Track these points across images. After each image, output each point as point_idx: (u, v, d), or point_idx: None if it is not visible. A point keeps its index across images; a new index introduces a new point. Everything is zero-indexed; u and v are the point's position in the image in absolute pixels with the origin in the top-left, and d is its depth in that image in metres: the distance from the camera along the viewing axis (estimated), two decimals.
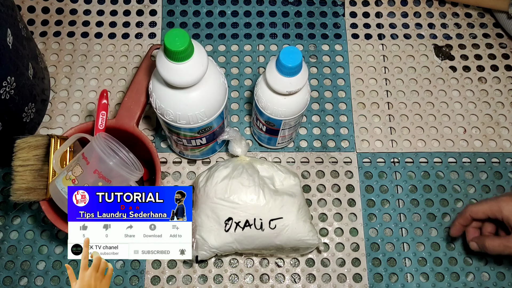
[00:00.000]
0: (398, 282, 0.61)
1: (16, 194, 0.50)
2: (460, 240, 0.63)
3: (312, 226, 0.57)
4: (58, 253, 0.61)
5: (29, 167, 0.51)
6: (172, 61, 0.44)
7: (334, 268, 0.61)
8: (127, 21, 0.74)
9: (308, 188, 0.65)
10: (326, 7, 0.76)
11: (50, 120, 0.68)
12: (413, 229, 0.63)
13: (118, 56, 0.72)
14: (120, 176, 0.49)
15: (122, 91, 0.69)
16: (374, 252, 0.62)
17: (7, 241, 0.61)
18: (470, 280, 0.61)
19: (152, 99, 0.52)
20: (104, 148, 0.49)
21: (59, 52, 0.71)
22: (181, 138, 0.56)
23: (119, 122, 0.56)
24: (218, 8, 0.76)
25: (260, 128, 0.61)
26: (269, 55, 0.73)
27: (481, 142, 0.68)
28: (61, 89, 0.69)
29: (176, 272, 0.61)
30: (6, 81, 0.53)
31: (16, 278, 0.60)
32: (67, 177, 0.48)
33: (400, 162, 0.66)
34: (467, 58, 0.73)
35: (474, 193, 0.65)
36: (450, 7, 0.76)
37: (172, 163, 0.66)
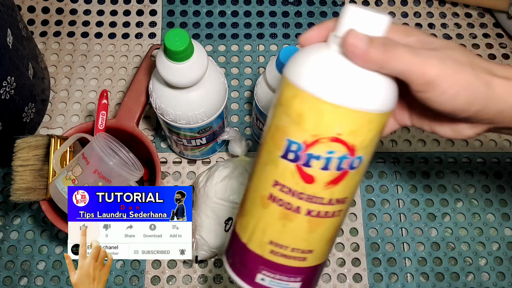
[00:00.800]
0: (398, 282, 0.61)
1: (16, 194, 0.50)
2: (461, 240, 0.63)
3: None
4: (58, 253, 0.61)
5: (29, 167, 0.51)
6: (172, 61, 0.44)
7: (334, 268, 0.61)
8: (127, 21, 0.74)
9: None
10: (326, 7, 0.76)
11: (50, 120, 0.68)
12: (413, 229, 0.63)
13: (118, 56, 0.72)
14: (120, 176, 0.49)
15: (122, 91, 0.69)
16: (374, 252, 0.62)
17: (7, 241, 0.61)
18: (470, 280, 0.61)
19: (152, 99, 0.52)
20: (104, 148, 0.49)
21: (59, 52, 0.71)
22: (181, 138, 0.56)
23: (119, 122, 0.56)
24: (218, 8, 0.76)
25: (260, 128, 0.61)
26: (269, 55, 0.73)
27: (480, 142, 0.68)
28: (61, 89, 0.69)
29: (176, 272, 0.61)
30: (6, 81, 0.53)
31: (16, 278, 0.60)
32: (67, 177, 0.48)
33: (400, 162, 0.66)
34: None
35: (474, 193, 0.65)
36: (450, 7, 0.76)
37: (172, 163, 0.66)
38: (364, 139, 0.31)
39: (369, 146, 0.32)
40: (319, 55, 0.31)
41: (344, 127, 0.30)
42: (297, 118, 0.31)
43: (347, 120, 0.30)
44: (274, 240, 0.34)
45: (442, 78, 0.30)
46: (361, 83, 0.30)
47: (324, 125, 0.30)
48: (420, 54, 0.31)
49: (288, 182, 0.32)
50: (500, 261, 0.62)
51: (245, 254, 0.35)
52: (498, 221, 0.64)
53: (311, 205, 0.32)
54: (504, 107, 0.32)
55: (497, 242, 0.63)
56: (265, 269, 0.34)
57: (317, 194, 0.32)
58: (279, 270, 0.34)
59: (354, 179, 0.33)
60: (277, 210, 0.33)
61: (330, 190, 0.32)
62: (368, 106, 0.30)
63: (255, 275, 0.34)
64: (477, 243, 0.63)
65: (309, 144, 0.31)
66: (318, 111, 0.30)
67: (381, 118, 0.31)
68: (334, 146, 0.30)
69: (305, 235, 0.33)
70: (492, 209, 0.64)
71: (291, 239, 0.33)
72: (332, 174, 0.31)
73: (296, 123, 0.31)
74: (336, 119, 0.30)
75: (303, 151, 0.31)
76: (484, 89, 0.31)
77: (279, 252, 0.34)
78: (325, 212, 0.33)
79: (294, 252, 0.34)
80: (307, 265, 0.34)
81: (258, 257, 0.34)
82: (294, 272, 0.34)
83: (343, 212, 0.34)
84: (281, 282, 0.34)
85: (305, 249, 0.34)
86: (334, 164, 0.31)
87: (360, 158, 0.32)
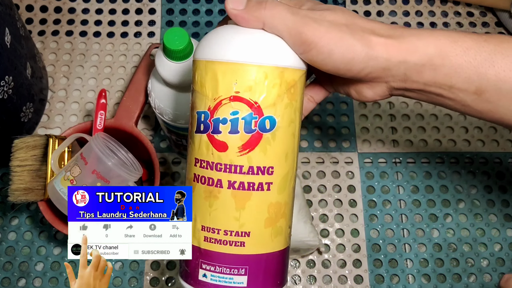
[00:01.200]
0: (400, 283, 0.60)
1: (14, 194, 0.50)
2: (463, 241, 0.62)
3: (312, 227, 0.56)
4: (56, 254, 0.61)
5: (27, 167, 0.51)
6: (171, 60, 0.44)
7: (335, 269, 0.61)
8: (126, 20, 0.74)
9: (309, 189, 0.65)
10: None
11: (48, 120, 0.67)
12: (415, 230, 0.63)
13: (117, 55, 0.71)
14: (119, 176, 0.49)
15: (121, 91, 0.69)
16: (375, 253, 0.62)
17: (5, 242, 0.61)
18: (472, 281, 0.61)
19: (151, 99, 0.51)
20: (102, 148, 0.48)
21: (58, 51, 0.71)
22: (180, 138, 0.56)
23: (117, 122, 0.56)
24: (218, 7, 0.75)
25: None
26: None
27: (483, 142, 0.68)
28: (60, 89, 0.69)
29: (176, 273, 0.60)
30: (4, 81, 0.52)
31: (14, 279, 0.59)
32: (65, 178, 0.48)
33: (401, 163, 0.66)
34: None
35: (476, 194, 0.65)
36: (452, 5, 0.76)
37: (171, 163, 0.66)
38: (266, 96, 0.31)
39: (278, 105, 0.32)
40: (214, 30, 0.33)
41: (239, 83, 0.31)
42: (200, 88, 0.32)
43: (241, 76, 0.31)
44: (204, 224, 0.34)
45: (315, 38, 0.32)
46: (248, 39, 0.32)
47: (222, 85, 0.31)
48: (298, 13, 0.32)
49: (204, 155, 0.33)
50: (502, 262, 0.61)
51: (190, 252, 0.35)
52: (501, 222, 0.63)
53: (231, 175, 0.32)
54: (389, 65, 0.34)
55: (499, 243, 0.62)
56: (204, 262, 0.33)
57: (234, 162, 0.32)
58: (217, 260, 0.33)
59: (274, 145, 0.32)
60: (201, 189, 0.33)
61: (247, 156, 0.32)
62: (258, 60, 0.31)
63: (197, 272, 0.34)
64: (479, 244, 0.62)
65: (212, 109, 0.32)
66: (214, 73, 0.31)
67: (279, 74, 0.32)
68: (236, 105, 0.31)
69: (234, 213, 0.32)
70: (495, 209, 0.64)
71: (221, 220, 0.33)
72: (243, 136, 0.32)
73: (200, 93, 0.32)
74: (231, 77, 0.31)
75: (210, 118, 0.32)
76: (361, 47, 0.33)
77: (212, 237, 0.33)
78: (249, 184, 0.32)
79: (228, 236, 0.33)
80: (248, 252, 0.33)
81: (195, 249, 0.34)
82: (234, 262, 0.33)
83: (277, 188, 0.33)
84: (224, 276, 0.33)
85: (240, 231, 0.33)
86: (241, 125, 0.31)
87: (270, 118, 0.32)
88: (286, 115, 0.33)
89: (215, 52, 0.32)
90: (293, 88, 0.33)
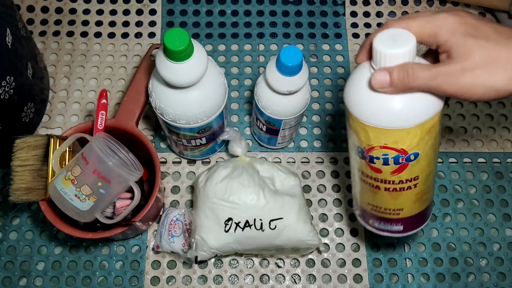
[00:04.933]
0: (399, 282, 0.61)
1: (15, 194, 0.50)
2: (462, 241, 0.63)
3: (312, 226, 0.56)
4: (57, 254, 0.61)
5: (28, 167, 0.51)
6: (172, 61, 0.44)
7: (334, 268, 0.61)
8: (127, 21, 0.74)
9: (309, 188, 0.65)
10: (327, 6, 0.76)
11: (49, 120, 0.67)
12: None
13: (118, 56, 0.71)
14: (120, 176, 0.49)
15: (122, 91, 0.69)
16: (374, 253, 0.62)
17: (6, 241, 0.61)
18: (471, 280, 0.61)
19: (151, 99, 0.51)
20: (103, 148, 0.48)
21: (59, 52, 0.71)
22: (181, 138, 0.56)
23: (118, 122, 0.56)
24: (218, 8, 0.75)
25: (260, 128, 0.60)
26: (269, 54, 0.72)
27: (482, 142, 0.68)
28: (61, 89, 0.69)
29: (176, 272, 0.60)
30: (5, 81, 0.52)
31: (15, 278, 0.60)
32: (66, 177, 0.48)
33: None
34: None
35: (475, 193, 0.65)
36: (450, 6, 0.76)
37: (171, 163, 0.66)
38: (409, 143, 0.40)
39: (421, 144, 0.40)
40: (361, 91, 0.39)
41: (387, 140, 0.40)
42: (354, 131, 0.42)
43: (387, 135, 0.39)
44: (370, 202, 0.48)
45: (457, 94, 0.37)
46: (391, 109, 0.38)
47: (373, 139, 0.40)
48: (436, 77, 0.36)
49: (363, 170, 0.44)
50: (501, 261, 0.62)
51: (361, 209, 0.50)
52: (499, 222, 0.63)
53: (386, 185, 0.44)
54: None
55: (498, 242, 0.63)
56: (371, 218, 0.50)
57: (387, 179, 0.43)
58: (380, 219, 0.49)
59: (418, 166, 0.42)
60: (366, 187, 0.46)
61: (397, 175, 0.42)
62: (401, 124, 0.38)
63: (368, 220, 0.50)
64: (478, 244, 0.63)
65: (367, 150, 0.41)
66: (365, 131, 0.40)
67: (420, 127, 0.39)
68: (386, 151, 0.41)
69: (391, 202, 0.46)
70: (493, 209, 0.64)
71: (381, 203, 0.47)
72: (393, 167, 0.42)
73: (355, 135, 0.42)
74: (379, 136, 0.40)
75: (366, 154, 0.42)
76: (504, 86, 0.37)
77: (376, 209, 0.48)
78: (400, 188, 0.44)
79: (387, 211, 0.47)
80: (402, 216, 0.47)
81: (366, 212, 0.50)
82: (392, 222, 0.48)
83: (422, 183, 0.44)
84: (386, 225, 0.49)
85: (395, 208, 0.46)
86: (392, 161, 0.41)
87: (415, 153, 0.41)
88: (428, 145, 0.41)
89: (363, 115, 0.40)
90: (433, 127, 0.40)
